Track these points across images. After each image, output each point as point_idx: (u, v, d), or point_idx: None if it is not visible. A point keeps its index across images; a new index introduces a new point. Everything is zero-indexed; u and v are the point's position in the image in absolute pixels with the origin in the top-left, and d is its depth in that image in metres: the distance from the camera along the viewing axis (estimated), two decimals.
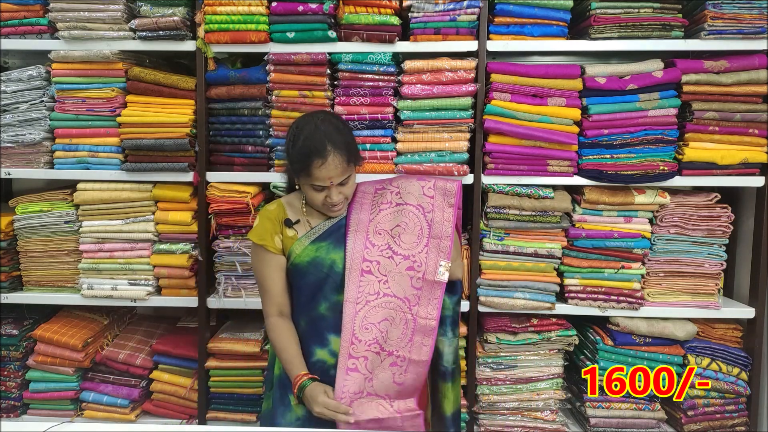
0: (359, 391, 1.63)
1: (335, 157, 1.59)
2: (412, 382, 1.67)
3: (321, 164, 1.59)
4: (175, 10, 2.21)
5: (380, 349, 1.65)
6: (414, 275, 1.68)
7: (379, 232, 1.71)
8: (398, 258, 1.69)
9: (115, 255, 2.34)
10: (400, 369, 1.65)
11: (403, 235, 1.70)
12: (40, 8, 2.26)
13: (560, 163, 2.22)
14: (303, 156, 1.60)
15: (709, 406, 2.26)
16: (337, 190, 1.65)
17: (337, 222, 1.73)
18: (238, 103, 2.27)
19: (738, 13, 2.13)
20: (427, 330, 1.66)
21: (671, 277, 2.27)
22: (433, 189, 1.75)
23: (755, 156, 2.19)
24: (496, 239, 2.25)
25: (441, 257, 1.68)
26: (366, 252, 1.68)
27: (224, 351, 2.33)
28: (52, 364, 2.39)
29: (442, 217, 1.72)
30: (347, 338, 1.64)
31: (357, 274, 1.67)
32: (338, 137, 1.62)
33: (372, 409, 1.63)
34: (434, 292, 1.68)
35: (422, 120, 2.21)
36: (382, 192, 1.78)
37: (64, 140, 2.32)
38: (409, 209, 1.72)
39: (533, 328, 2.27)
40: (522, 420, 2.31)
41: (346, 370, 1.63)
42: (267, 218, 1.72)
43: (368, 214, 1.73)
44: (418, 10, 2.18)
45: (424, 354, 1.66)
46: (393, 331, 1.66)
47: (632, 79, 2.17)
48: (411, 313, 1.66)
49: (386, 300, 1.67)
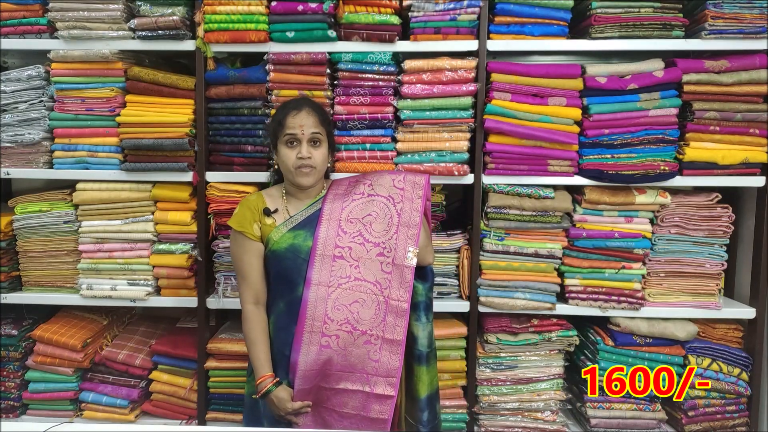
0: (334, 364, 1.75)
1: (309, 112, 1.83)
2: (387, 359, 1.76)
3: (295, 114, 1.81)
4: (174, 10, 2.20)
5: (352, 329, 1.75)
6: (384, 260, 1.79)
7: (350, 221, 1.82)
8: (369, 245, 1.80)
9: (115, 255, 2.33)
10: (374, 347, 1.76)
11: (374, 223, 1.82)
12: (40, 8, 2.26)
13: (561, 163, 2.22)
14: (280, 111, 1.85)
15: (709, 407, 2.25)
16: (307, 147, 1.81)
17: (315, 212, 1.85)
18: (238, 103, 2.27)
19: (739, 13, 2.13)
20: (399, 311, 1.77)
21: (672, 277, 2.27)
22: (403, 181, 1.88)
23: (756, 156, 2.19)
24: (496, 239, 2.24)
25: (409, 244, 1.80)
26: (338, 239, 1.80)
27: (224, 351, 2.32)
28: (51, 364, 2.39)
29: (411, 207, 1.84)
30: (320, 317, 1.75)
31: (329, 260, 1.78)
32: (313, 103, 1.89)
33: (342, 380, 1.76)
34: (405, 276, 1.78)
35: (422, 120, 2.21)
36: (356, 184, 1.91)
37: (63, 140, 2.31)
38: (380, 200, 1.85)
39: (534, 329, 2.27)
40: (522, 420, 2.31)
41: (320, 346, 1.74)
42: (246, 207, 1.85)
43: (341, 203, 1.85)
44: (418, 10, 2.18)
45: (397, 334, 1.76)
46: (365, 312, 1.76)
47: (633, 78, 2.16)
48: (383, 295, 1.78)
49: (357, 284, 1.77)
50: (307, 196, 1.89)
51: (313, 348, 1.74)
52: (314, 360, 1.75)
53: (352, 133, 2.25)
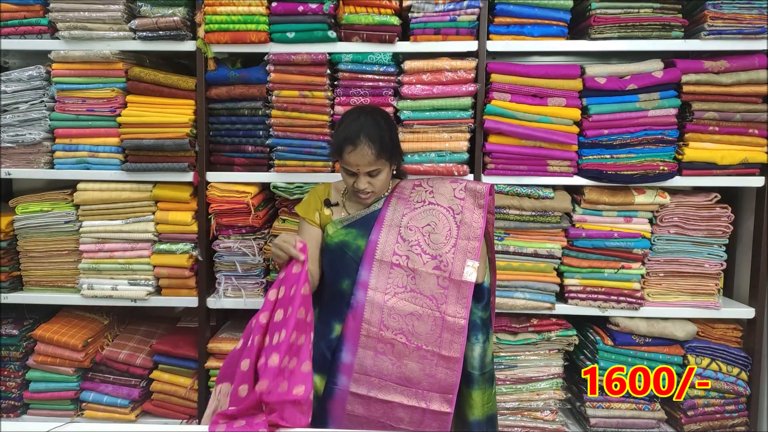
0: (387, 374, 1.71)
1: (364, 147, 1.69)
2: (444, 376, 1.71)
3: (351, 150, 1.69)
4: (175, 10, 2.21)
5: (407, 341, 1.71)
6: (440, 275, 1.72)
7: (410, 228, 1.77)
8: (426, 257, 1.74)
9: (115, 255, 2.34)
10: (431, 363, 1.71)
11: (433, 234, 1.76)
12: (40, 8, 2.26)
13: (560, 163, 2.23)
14: (339, 141, 1.73)
15: (708, 406, 2.26)
16: (365, 179, 1.74)
17: (371, 213, 1.82)
18: (238, 103, 2.27)
19: (738, 13, 2.13)
20: (456, 328, 1.70)
21: (671, 277, 2.27)
22: (464, 191, 1.81)
23: (755, 156, 2.19)
24: (496, 239, 2.25)
25: (469, 257, 1.72)
26: (396, 246, 1.75)
27: (224, 351, 2.33)
28: (52, 364, 2.39)
29: (471, 218, 1.77)
30: (376, 323, 1.71)
31: (387, 266, 1.74)
32: (374, 130, 1.71)
33: (397, 393, 1.72)
34: (462, 292, 1.71)
35: (422, 120, 2.22)
36: (418, 190, 1.84)
37: (64, 140, 2.32)
38: (440, 210, 1.78)
39: (533, 328, 2.27)
40: (522, 420, 2.31)
41: (376, 352, 1.71)
42: (313, 194, 1.90)
43: (403, 209, 1.80)
44: (418, 10, 2.18)
45: (454, 351, 1.70)
46: (420, 326, 1.71)
47: (632, 79, 2.17)
48: (439, 311, 1.71)
49: (413, 295, 1.72)
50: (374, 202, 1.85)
51: (369, 353, 1.71)
52: (371, 365, 1.71)
53: None
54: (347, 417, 1.74)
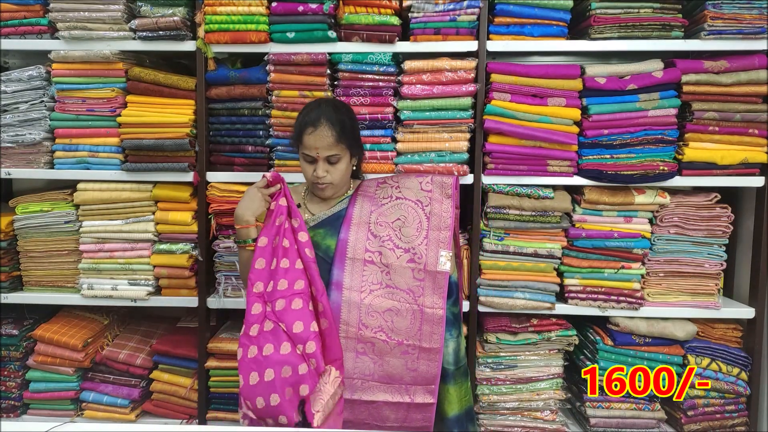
0: (370, 373, 1.71)
1: (325, 129, 1.70)
2: (426, 368, 1.73)
3: (311, 132, 1.71)
4: (175, 10, 2.21)
5: (387, 338, 1.71)
6: (415, 267, 1.73)
7: (380, 224, 1.77)
8: (399, 251, 1.74)
9: (115, 255, 2.34)
10: (412, 356, 1.72)
11: (404, 228, 1.76)
12: (40, 8, 2.26)
13: (560, 163, 2.23)
14: (299, 125, 1.75)
15: (708, 406, 2.26)
16: (323, 166, 1.73)
17: (337, 213, 1.81)
18: (238, 103, 2.27)
19: (738, 13, 2.13)
20: (435, 319, 1.72)
21: (671, 277, 2.27)
22: (430, 183, 1.83)
23: (755, 156, 2.19)
24: (496, 239, 2.25)
25: (441, 247, 1.74)
26: (368, 243, 1.75)
27: (224, 351, 2.33)
28: (52, 364, 2.39)
29: (440, 209, 1.78)
30: (354, 322, 1.71)
31: (360, 264, 1.74)
32: (334, 115, 1.73)
33: (381, 392, 1.72)
34: (438, 282, 1.73)
35: (422, 120, 2.22)
36: (383, 186, 1.85)
37: (64, 140, 2.32)
38: (408, 204, 1.79)
39: (533, 328, 2.27)
40: (522, 420, 2.31)
41: (356, 353, 1.71)
42: None
43: (370, 206, 1.80)
44: (418, 10, 2.18)
45: (435, 342, 1.72)
46: (400, 321, 1.71)
47: (632, 79, 2.17)
48: (417, 304, 1.72)
49: (389, 291, 1.73)
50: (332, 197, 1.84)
51: (350, 354, 1.70)
52: (352, 367, 1.71)
53: None
54: None
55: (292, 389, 1.56)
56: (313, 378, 1.58)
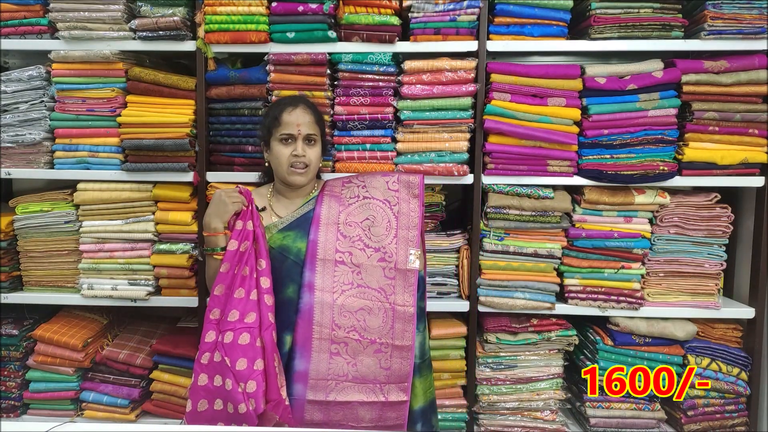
0: (344, 374, 1.73)
1: (304, 110, 1.81)
2: (399, 366, 1.75)
3: (291, 110, 1.79)
4: (175, 10, 2.21)
5: (360, 337, 1.73)
6: (386, 266, 1.77)
7: (349, 224, 1.80)
8: (369, 250, 1.78)
9: (115, 255, 2.34)
10: (385, 355, 1.74)
11: (373, 227, 1.80)
12: (40, 8, 2.26)
13: (560, 163, 2.23)
14: (275, 107, 1.83)
15: (708, 406, 2.26)
16: (302, 145, 1.79)
17: (305, 214, 1.83)
18: (238, 103, 2.27)
19: (738, 13, 2.13)
20: (406, 317, 1.76)
21: (671, 277, 2.27)
22: (397, 183, 1.87)
23: (755, 156, 2.19)
24: (496, 239, 2.25)
25: (410, 246, 1.79)
26: (338, 243, 1.78)
27: None
28: (52, 364, 2.39)
29: (408, 208, 1.82)
30: (327, 323, 1.72)
31: (331, 264, 1.76)
32: (309, 102, 1.88)
33: (356, 392, 1.73)
34: (408, 280, 1.77)
35: (422, 120, 2.22)
36: (349, 186, 1.88)
37: (64, 140, 2.32)
38: (376, 203, 1.83)
39: (533, 328, 2.27)
40: (522, 420, 2.32)
41: (330, 354, 1.72)
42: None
43: (338, 206, 1.83)
44: (418, 11, 2.18)
45: (407, 339, 1.75)
46: (372, 320, 1.74)
47: (632, 79, 2.17)
48: (389, 302, 1.75)
49: (361, 290, 1.76)
50: (298, 196, 1.88)
51: (323, 356, 1.71)
52: (326, 369, 1.72)
53: (352, 133, 2.26)
54: (305, 427, 1.72)
55: (235, 425, 1.58)
56: (251, 419, 1.57)
